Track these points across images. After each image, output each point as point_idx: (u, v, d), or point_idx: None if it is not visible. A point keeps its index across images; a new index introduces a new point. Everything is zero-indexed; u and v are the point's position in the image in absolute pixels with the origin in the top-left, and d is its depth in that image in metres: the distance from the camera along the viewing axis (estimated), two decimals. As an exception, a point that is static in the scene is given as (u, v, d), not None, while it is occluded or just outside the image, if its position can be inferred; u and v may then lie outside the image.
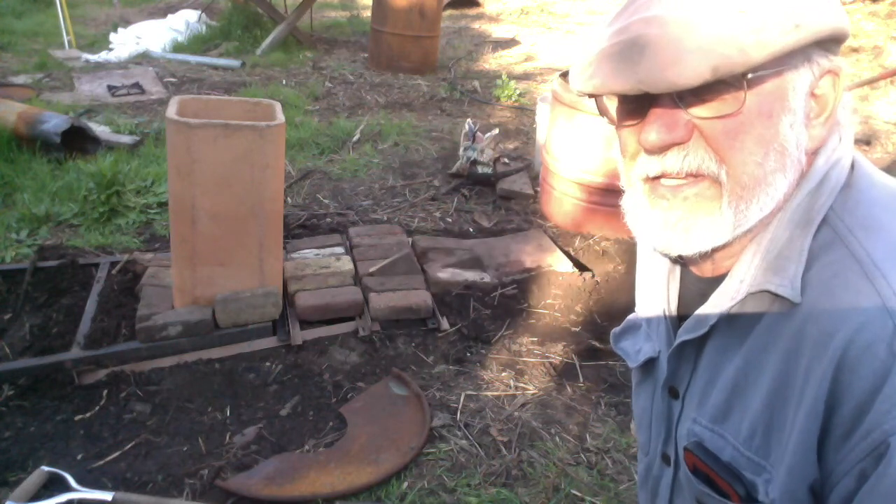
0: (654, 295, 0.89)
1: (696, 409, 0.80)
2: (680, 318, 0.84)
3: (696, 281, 0.82)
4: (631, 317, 0.97)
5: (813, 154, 0.70)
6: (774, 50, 0.60)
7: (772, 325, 0.69)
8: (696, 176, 0.68)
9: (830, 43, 0.66)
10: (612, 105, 0.74)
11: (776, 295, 0.68)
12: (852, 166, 0.71)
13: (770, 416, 0.69)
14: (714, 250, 0.72)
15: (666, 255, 0.82)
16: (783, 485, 0.67)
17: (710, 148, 0.66)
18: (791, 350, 0.67)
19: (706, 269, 0.79)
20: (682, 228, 0.70)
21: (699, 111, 0.65)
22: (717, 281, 0.76)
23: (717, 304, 0.75)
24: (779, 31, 0.60)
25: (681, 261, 0.82)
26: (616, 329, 0.99)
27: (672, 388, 0.85)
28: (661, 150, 0.67)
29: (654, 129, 0.66)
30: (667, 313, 0.86)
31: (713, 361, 0.77)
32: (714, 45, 0.60)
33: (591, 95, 0.70)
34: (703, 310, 0.77)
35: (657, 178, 0.70)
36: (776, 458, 0.69)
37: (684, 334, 0.80)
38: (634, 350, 0.93)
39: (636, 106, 0.68)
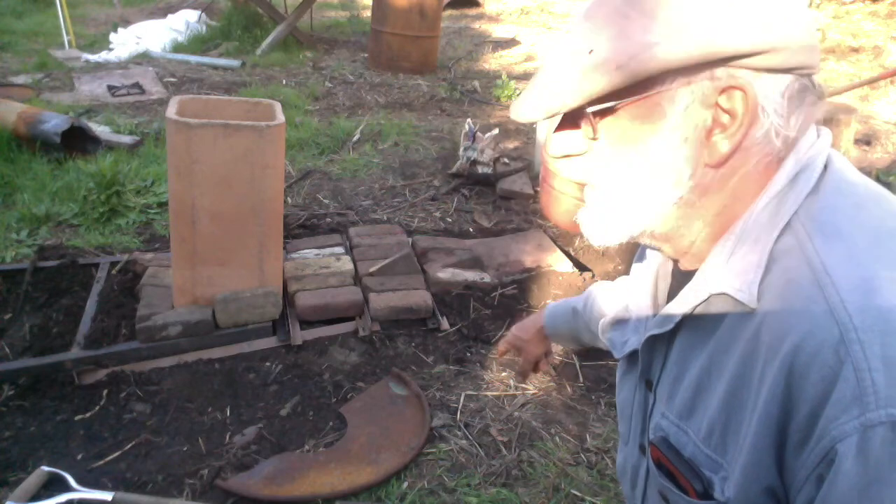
0: (649, 287, 0.90)
1: (665, 404, 0.82)
2: None
3: (678, 274, 0.84)
4: (622, 309, 0.98)
5: (782, 153, 0.70)
6: (597, 91, 0.66)
7: (733, 326, 0.71)
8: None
9: (744, 57, 0.65)
10: None
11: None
12: (826, 168, 0.71)
13: (727, 417, 0.71)
14: (690, 245, 0.76)
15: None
16: (738, 485, 0.69)
17: (591, 164, 0.74)
18: (747, 353, 0.68)
19: (685, 263, 0.81)
20: (584, 222, 0.78)
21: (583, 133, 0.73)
22: (688, 276, 0.78)
23: (682, 301, 0.77)
24: (601, 74, 0.65)
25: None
26: (605, 319, 1.00)
27: (648, 380, 0.87)
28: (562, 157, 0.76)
29: (553, 141, 0.75)
30: (655, 306, 0.88)
31: (681, 358, 0.79)
32: (551, 86, 0.68)
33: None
34: (670, 306, 0.79)
35: None
36: (732, 457, 0.71)
37: (653, 328, 0.82)
38: (622, 341, 0.94)
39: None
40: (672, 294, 0.85)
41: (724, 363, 0.72)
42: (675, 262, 0.85)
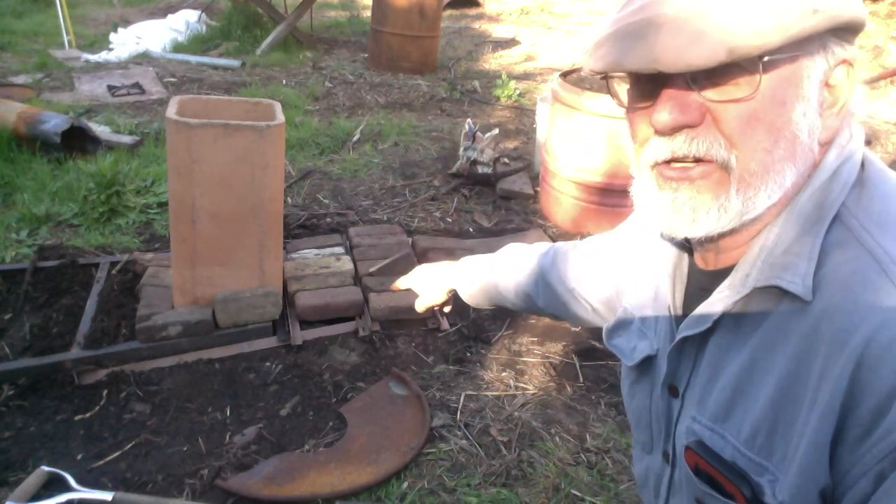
0: (655, 290, 0.87)
1: (695, 408, 0.78)
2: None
3: (698, 274, 0.81)
4: (621, 313, 0.94)
5: (825, 147, 0.69)
6: (792, 34, 0.60)
7: (780, 322, 0.68)
8: (704, 161, 0.67)
9: (846, 32, 0.65)
10: (622, 89, 0.73)
11: (785, 291, 0.67)
12: (863, 163, 0.70)
13: (776, 417, 0.67)
14: (720, 237, 0.71)
15: (672, 239, 0.82)
16: (794, 486, 0.65)
17: (721, 133, 0.65)
18: (802, 349, 0.65)
19: (709, 261, 0.78)
20: (690, 208, 0.69)
21: (712, 94, 0.65)
22: (718, 274, 0.75)
23: (721, 298, 0.73)
24: (797, 16, 0.60)
25: (687, 245, 0.81)
26: (608, 325, 0.96)
27: (672, 386, 0.83)
28: (672, 131, 0.67)
29: (666, 109, 0.66)
30: (671, 310, 0.83)
31: (715, 359, 0.76)
32: (731, 26, 0.59)
33: (603, 75, 0.69)
34: (706, 304, 0.75)
35: (666, 162, 0.69)
36: (781, 458, 0.67)
37: (686, 330, 0.78)
38: (629, 347, 0.91)
39: (649, 88, 0.68)
40: (689, 295, 0.82)
41: (771, 361, 0.68)
42: (692, 261, 0.81)
